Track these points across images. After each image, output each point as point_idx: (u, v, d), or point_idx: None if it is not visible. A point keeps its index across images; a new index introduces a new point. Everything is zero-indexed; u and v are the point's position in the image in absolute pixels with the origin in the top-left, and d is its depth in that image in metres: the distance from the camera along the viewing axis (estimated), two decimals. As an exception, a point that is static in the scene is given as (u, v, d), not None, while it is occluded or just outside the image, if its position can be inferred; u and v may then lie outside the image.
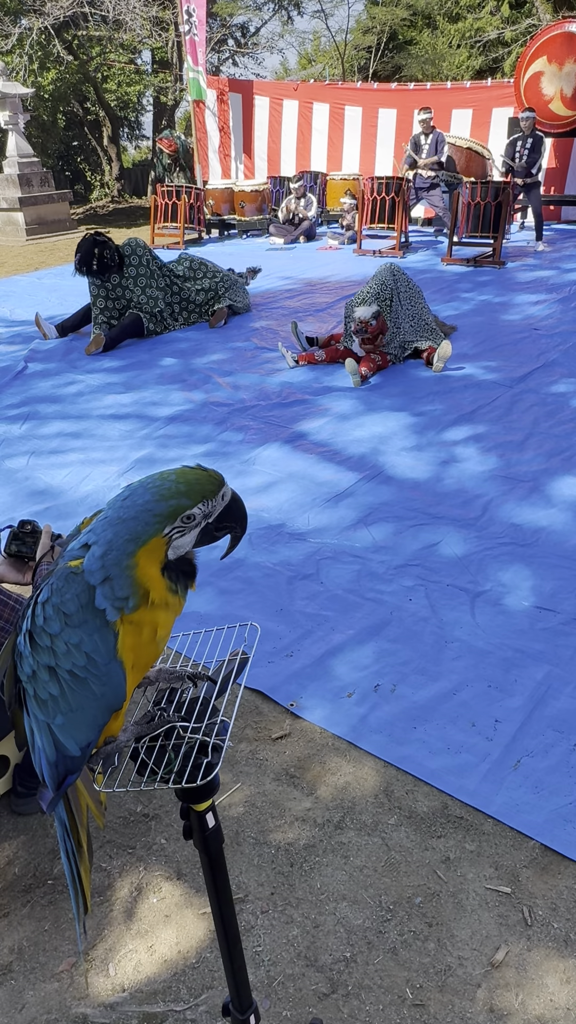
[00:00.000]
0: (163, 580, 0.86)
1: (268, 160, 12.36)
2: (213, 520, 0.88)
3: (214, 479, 0.87)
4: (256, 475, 3.47)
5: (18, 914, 1.62)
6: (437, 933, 1.53)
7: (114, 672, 0.86)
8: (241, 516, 0.91)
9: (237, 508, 0.90)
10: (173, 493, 0.84)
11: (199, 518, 0.86)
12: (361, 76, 18.95)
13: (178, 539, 0.86)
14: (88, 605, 0.84)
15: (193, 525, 0.86)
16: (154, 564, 0.85)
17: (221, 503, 0.88)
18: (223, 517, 0.89)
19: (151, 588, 0.85)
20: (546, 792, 1.81)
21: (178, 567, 0.88)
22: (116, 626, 0.85)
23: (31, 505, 3.30)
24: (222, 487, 0.87)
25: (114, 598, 0.84)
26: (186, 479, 0.86)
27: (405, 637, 2.37)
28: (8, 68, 13.05)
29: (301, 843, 1.73)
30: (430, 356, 4.77)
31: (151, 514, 0.83)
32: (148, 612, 0.86)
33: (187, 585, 0.90)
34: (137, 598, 0.85)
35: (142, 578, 0.84)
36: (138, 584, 0.84)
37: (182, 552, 0.88)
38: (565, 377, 4.52)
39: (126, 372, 5.06)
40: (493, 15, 17.08)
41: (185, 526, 0.85)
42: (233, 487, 0.90)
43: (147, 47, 17.80)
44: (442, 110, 10.34)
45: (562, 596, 2.53)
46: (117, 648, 0.85)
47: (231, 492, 0.89)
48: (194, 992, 1.45)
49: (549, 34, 9.44)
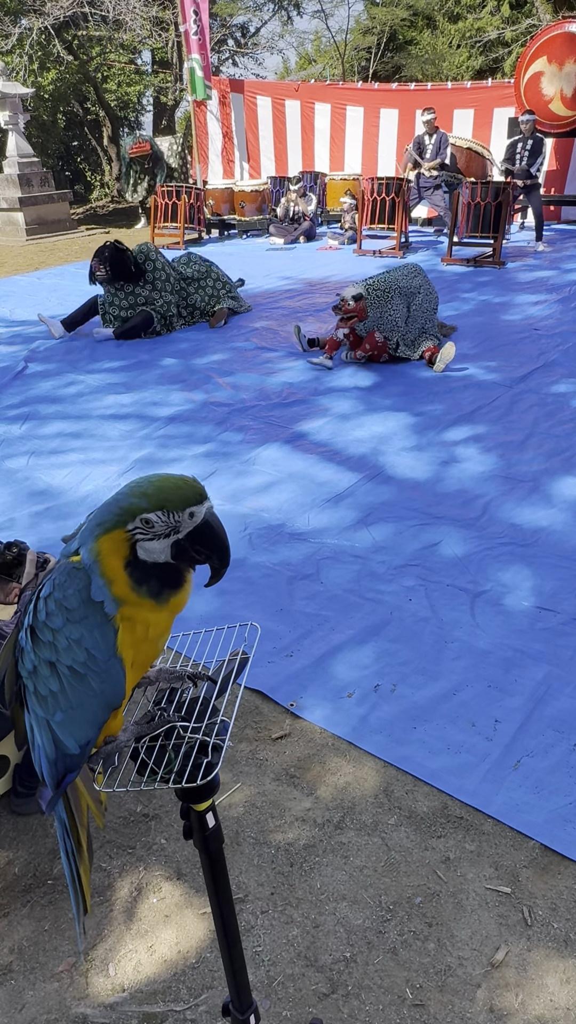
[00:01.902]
0: (125, 576, 0.84)
1: (271, 160, 12.36)
2: (184, 538, 0.84)
3: (187, 496, 0.84)
4: (256, 475, 3.47)
5: (18, 914, 1.62)
6: (437, 933, 1.53)
7: (114, 669, 0.86)
8: (217, 546, 0.86)
9: (211, 535, 0.85)
10: (139, 493, 0.84)
11: (161, 527, 0.83)
12: (361, 76, 18.95)
13: (144, 542, 0.84)
14: (89, 600, 0.84)
15: (158, 533, 0.83)
16: (116, 557, 0.84)
17: (188, 521, 0.84)
18: (195, 539, 0.85)
19: (113, 580, 0.84)
20: (546, 792, 1.81)
21: (155, 572, 0.85)
22: (116, 622, 0.85)
23: (31, 505, 3.30)
24: (191, 505, 0.83)
25: (99, 587, 0.84)
26: (159, 484, 0.84)
27: (405, 637, 2.37)
28: (8, 68, 13.05)
29: (301, 843, 1.73)
30: (432, 356, 4.76)
31: (117, 506, 0.84)
32: (135, 609, 0.86)
33: (159, 592, 0.86)
34: (108, 588, 0.85)
35: (105, 567, 0.85)
36: (103, 574, 0.84)
37: (157, 558, 0.85)
38: (565, 377, 4.52)
39: (126, 372, 5.06)
40: (493, 15, 17.08)
41: (147, 531, 0.83)
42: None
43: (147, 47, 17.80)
44: (444, 110, 10.35)
45: (562, 596, 2.53)
46: (117, 645, 0.86)
47: (205, 515, 0.84)
48: (194, 992, 1.45)
49: (549, 34, 9.44)
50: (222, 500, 3.21)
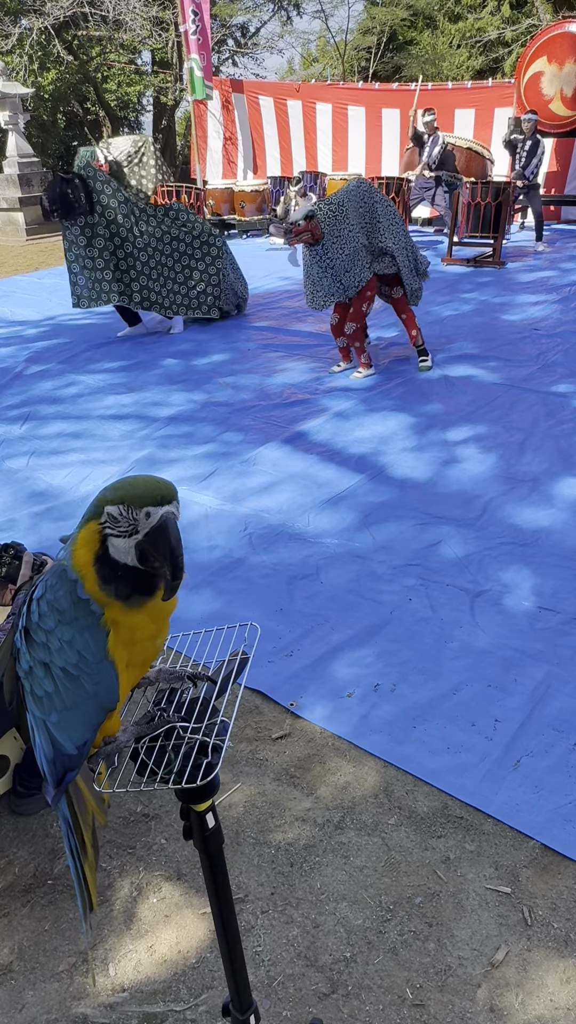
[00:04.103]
0: (92, 572, 0.84)
1: (276, 160, 12.37)
2: (143, 539, 0.82)
3: (147, 495, 0.82)
4: (257, 475, 3.47)
5: (18, 914, 1.62)
6: (437, 933, 1.53)
7: (105, 671, 0.86)
8: (166, 554, 0.82)
9: (162, 539, 0.82)
10: (112, 487, 0.85)
11: (123, 523, 0.82)
12: (361, 76, 18.96)
13: (113, 538, 0.83)
14: (78, 601, 0.85)
15: (121, 531, 0.83)
16: (87, 550, 0.85)
17: (146, 521, 0.82)
18: (152, 542, 0.82)
19: (83, 575, 0.85)
20: (546, 792, 1.81)
21: (124, 573, 0.84)
22: (106, 624, 0.85)
23: (31, 506, 3.30)
24: (149, 504, 0.82)
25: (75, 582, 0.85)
26: (132, 481, 0.85)
27: (405, 637, 2.37)
28: (8, 68, 13.05)
29: (301, 843, 1.73)
30: (415, 340, 4.76)
31: (96, 499, 0.85)
32: (115, 611, 0.86)
33: (128, 595, 0.85)
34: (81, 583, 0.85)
35: (76, 561, 0.85)
36: (76, 566, 0.85)
37: (124, 559, 0.84)
38: (565, 377, 4.52)
39: (126, 372, 5.06)
40: (493, 15, 17.09)
41: (112, 525, 0.83)
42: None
43: (147, 47, 17.80)
44: (445, 110, 10.35)
45: (562, 596, 2.53)
46: (108, 647, 0.86)
47: (162, 518, 0.82)
48: (194, 992, 1.45)
49: (549, 34, 9.44)
50: (222, 500, 3.22)
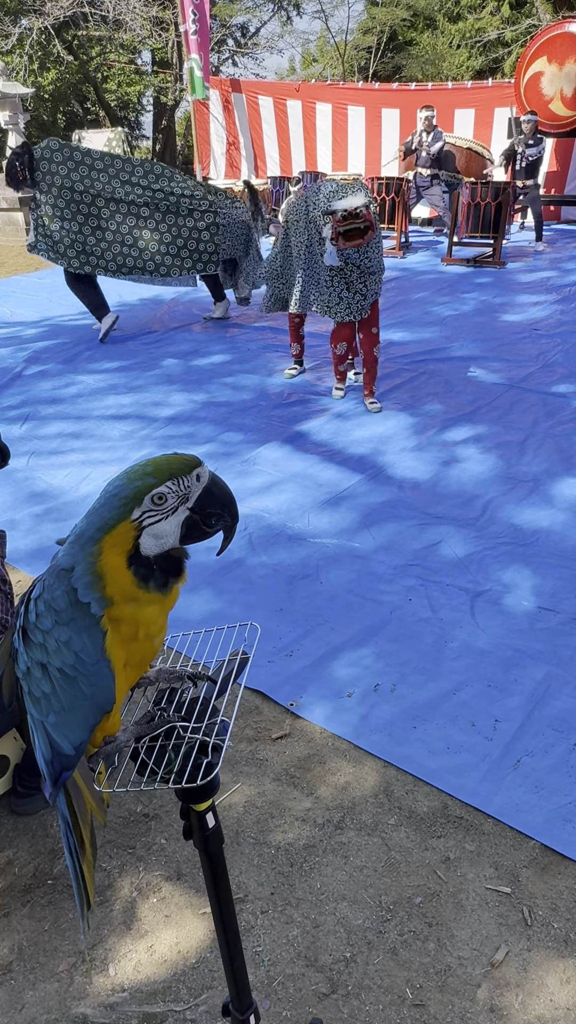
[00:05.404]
0: (127, 572, 0.83)
1: (276, 160, 12.37)
2: (193, 505, 0.84)
3: (185, 460, 0.84)
4: (257, 475, 3.47)
5: (18, 914, 1.62)
6: (437, 933, 1.53)
7: (102, 673, 0.86)
8: (226, 501, 0.86)
9: (219, 492, 0.86)
10: (140, 474, 0.83)
11: (172, 499, 0.83)
12: (361, 76, 18.96)
13: (153, 525, 0.83)
14: (76, 602, 0.84)
15: (168, 509, 0.83)
16: (118, 553, 0.83)
17: (197, 484, 0.84)
18: (205, 503, 0.85)
19: (109, 579, 0.83)
20: (546, 792, 1.81)
21: (158, 564, 0.85)
22: (104, 624, 0.85)
23: (31, 506, 3.30)
24: (195, 467, 0.84)
25: (86, 587, 0.83)
26: (155, 462, 0.84)
27: (405, 637, 2.37)
28: (8, 68, 13.05)
29: (301, 843, 1.73)
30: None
31: (117, 498, 0.82)
32: (126, 608, 0.85)
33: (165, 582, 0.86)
34: (98, 589, 0.83)
35: (102, 567, 0.83)
36: (97, 574, 0.83)
37: (165, 544, 0.84)
38: (565, 377, 4.52)
39: (126, 372, 5.06)
40: (493, 15, 17.10)
41: (157, 509, 0.82)
42: (233, 487, 0.89)
43: (147, 47, 17.81)
44: (445, 110, 10.35)
45: (562, 596, 2.53)
46: (105, 648, 0.85)
47: (209, 474, 0.85)
48: (194, 992, 1.45)
49: (549, 34, 9.44)
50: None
